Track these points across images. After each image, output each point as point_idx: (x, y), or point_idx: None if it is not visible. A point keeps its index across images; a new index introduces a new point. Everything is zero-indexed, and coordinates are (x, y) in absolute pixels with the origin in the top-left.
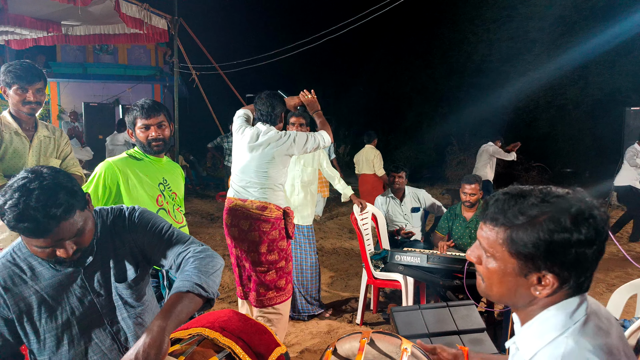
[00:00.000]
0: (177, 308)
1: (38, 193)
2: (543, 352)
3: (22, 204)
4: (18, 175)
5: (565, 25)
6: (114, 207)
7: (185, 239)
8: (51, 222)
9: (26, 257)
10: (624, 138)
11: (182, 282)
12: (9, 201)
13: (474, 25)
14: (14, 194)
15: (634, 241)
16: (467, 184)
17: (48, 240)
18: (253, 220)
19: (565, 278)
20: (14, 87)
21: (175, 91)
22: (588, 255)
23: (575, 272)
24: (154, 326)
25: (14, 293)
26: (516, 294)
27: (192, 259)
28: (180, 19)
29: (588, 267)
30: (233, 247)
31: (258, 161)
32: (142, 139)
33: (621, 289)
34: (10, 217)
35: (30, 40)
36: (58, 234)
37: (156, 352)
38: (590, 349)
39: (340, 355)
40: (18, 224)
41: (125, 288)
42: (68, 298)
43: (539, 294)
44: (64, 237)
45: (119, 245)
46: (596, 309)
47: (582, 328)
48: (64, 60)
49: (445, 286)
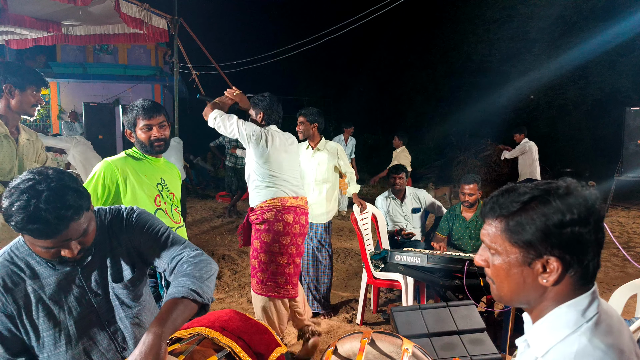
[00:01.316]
0: (172, 314)
1: (47, 195)
2: (556, 349)
3: (32, 205)
4: (22, 177)
5: (565, 25)
6: (112, 207)
7: (180, 242)
8: (61, 224)
9: (24, 256)
10: (624, 138)
11: (177, 288)
12: (17, 203)
13: (474, 25)
14: (22, 196)
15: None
16: (465, 184)
17: (55, 240)
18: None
19: (568, 261)
20: (30, 88)
21: (175, 91)
22: (584, 234)
23: (576, 254)
24: (150, 333)
25: (12, 292)
26: (525, 287)
27: (186, 264)
28: (180, 19)
29: (588, 248)
30: (292, 245)
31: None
32: (144, 139)
33: (621, 289)
34: (19, 218)
35: (30, 40)
36: (66, 234)
37: (154, 359)
38: (602, 348)
39: (341, 355)
40: (27, 225)
41: (122, 288)
42: (66, 297)
43: (547, 282)
44: (71, 238)
45: (116, 246)
46: (607, 309)
47: (595, 327)
48: (64, 60)
49: (445, 286)
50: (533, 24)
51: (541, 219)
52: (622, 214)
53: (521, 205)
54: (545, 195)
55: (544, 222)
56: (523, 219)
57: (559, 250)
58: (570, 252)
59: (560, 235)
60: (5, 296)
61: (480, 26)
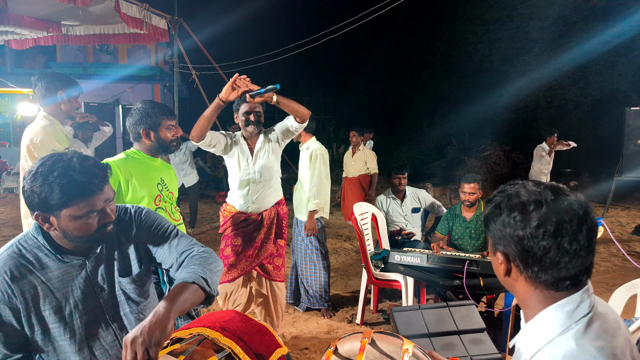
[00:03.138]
0: (182, 295)
1: (76, 160)
2: (543, 352)
3: (69, 170)
4: (37, 163)
5: (565, 25)
6: (119, 205)
7: (189, 239)
8: (100, 181)
9: (32, 249)
10: (624, 138)
11: (189, 274)
12: (51, 176)
13: (474, 25)
14: (54, 169)
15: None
16: (466, 183)
17: (97, 199)
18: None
19: (512, 260)
20: (75, 94)
21: (175, 91)
22: (521, 237)
23: (519, 257)
24: (161, 307)
25: (20, 284)
26: (497, 272)
27: (196, 257)
28: (180, 19)
29: (532, 255)
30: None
31: None
32: (168, 139)
33: (621, 289)
34: (59, 189)
35: (30, 40)
36: (105, 194)
37: (161, 331)
38: (591, 352)
39: (341, 355)
40: (70, 190)
41: (128, 283)
42: (72, 291)
43: (499, 271)
44: (109, 197)
45: (123, 241)
46: (603, 311)
47: (585, 329)
48: (64, 60)
49: (445, 286)
50: (533, 24)
51: (493, 217)
52: (622, 214)
53: (491, 204)
54: (506, 196)
55: (494, 221)
56: (488, 214)
57: (502, 247)
58: (513, 252)
59: (500, 234)
60: (12, 288)
61: (480, 26)
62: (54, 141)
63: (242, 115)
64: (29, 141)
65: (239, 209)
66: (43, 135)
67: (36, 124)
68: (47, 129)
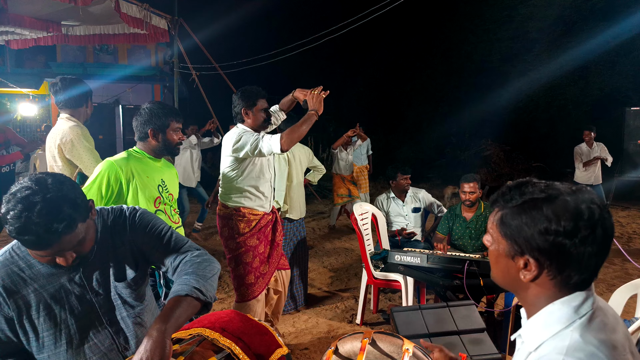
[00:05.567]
0: (176, 312)
1: (40, 207)
2: (548, 344)
3: (24, 217)
4: (23, 183)
5: (565, 25)
6: (114, 207)
7: (183, 242)
8: (52, 237)
9: (25, 256)
10: (624, 138)
11: (181, 286)
12: (11, 212)
13: (474, 25)
14: (17, 206)
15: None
16: (466, 182)
17: (47, 251)
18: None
19: (547, 266)
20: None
21: (175, 91)
22: (567, 246)
23: (556, 262)
24: (154, 330)
25: (13, 291)
26: (509, 276)
27: (189, 263)
28: (180, 19)
29: (571, 261)
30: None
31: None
32: (174, 141)
33: (621, 289)
34: (12, 228)
35: (30, 40)
36: (58, 246)
37: (160, 355)
38: (594, 343)
39: (341, 355)
40: (19, 236)
41: (124, 287)
42: (67, 297)
43: (524, 279)
44: (64, 249)
45: (118, 245)
46: (603, 306)
47: (588, 323)
48: (64, 60)
49: (445, 286)
50: (533, 24)
51: (529, 222)
52: (622, 214)
53: (518, 204)
54: (541, 201)
55: (531, 226)
56: (515, 217)
57: (539, 254)
58: (550, 259)
59: (543, 242)
60: (4, 296)
61: (480, 26)
62: (83, 141)
63: (262, 112)
64: (60, 140)
65: (261, 210)
66: (72, 135)
67: (62, 125)
68: (75, 129)
